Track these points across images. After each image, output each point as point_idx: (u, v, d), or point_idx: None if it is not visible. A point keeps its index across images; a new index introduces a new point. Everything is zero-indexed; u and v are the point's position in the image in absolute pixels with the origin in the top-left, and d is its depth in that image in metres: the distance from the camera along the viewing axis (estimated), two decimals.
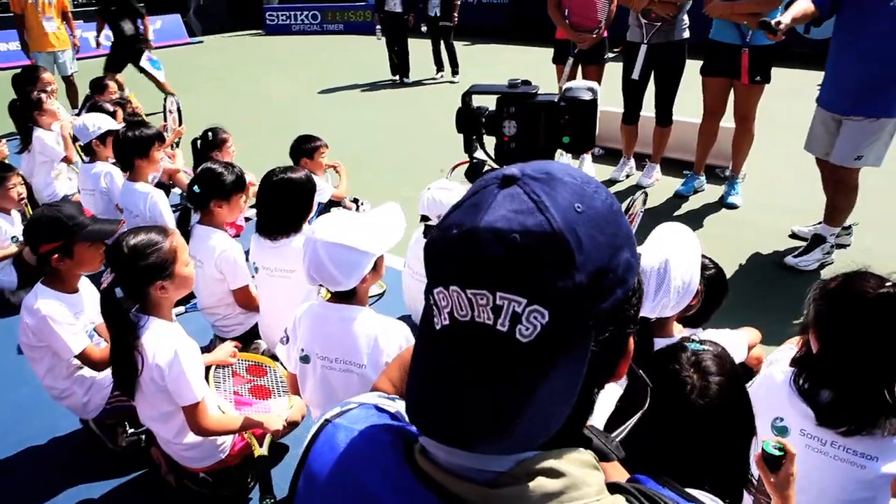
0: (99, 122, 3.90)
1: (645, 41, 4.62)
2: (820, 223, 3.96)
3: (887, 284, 1.50)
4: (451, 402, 0.59)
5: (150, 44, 8.11)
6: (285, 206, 2.68)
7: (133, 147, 3.56)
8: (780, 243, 4.18)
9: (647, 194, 2.94)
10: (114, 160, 3.99)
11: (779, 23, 3.42)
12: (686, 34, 4.73)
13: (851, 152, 3.59)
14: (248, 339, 3.05)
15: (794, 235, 4.25)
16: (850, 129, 3.58)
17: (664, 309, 1.74)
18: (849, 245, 4.08)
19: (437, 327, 0.61)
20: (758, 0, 4.11)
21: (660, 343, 1.75)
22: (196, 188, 2.86)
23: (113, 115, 4.57)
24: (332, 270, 1.79)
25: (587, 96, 1.10)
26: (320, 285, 1.88)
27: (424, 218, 2.86)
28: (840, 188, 3.77)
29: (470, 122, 1.18)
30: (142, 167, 3.63)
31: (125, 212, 3.62)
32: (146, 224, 3.48)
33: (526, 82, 1.15)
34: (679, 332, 1.98)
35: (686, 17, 4.69)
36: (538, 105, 1.11)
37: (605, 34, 4.93)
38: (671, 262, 1.69)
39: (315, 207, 3.89)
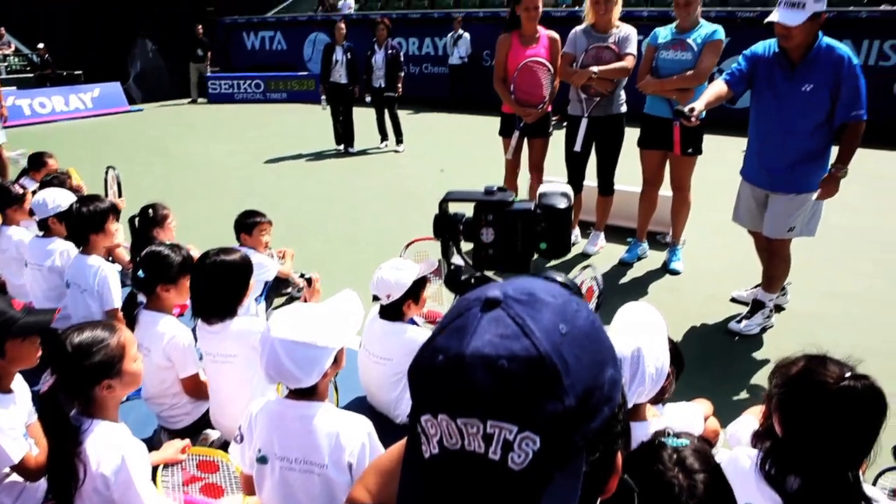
0: (59, 200, 3.76)
1: (585, 115, 4.83)
2: (758, 286, 4.11)
3: (847, 376, 1.54)
4: None
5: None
6: (219, 289, 2.56)
7: (88, 222, 3.47)
8: (722, 308, 4.33)
9: (594, 267, 3.00)
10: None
11: (692, 109, 3.60)
12: (623, 108, 4.98)
13: (783, 225, 3.73)
14: (196, 430, 2.89)
15: (734, 300, 4.41)
16: (777, 204, 3.74)
17: (639, 397, 1.75)
18: (786, 305, 4.25)
19: (427, 456, 0.60)
20: (684, 77, 4.39)
21: (634, 427, 1.76)
22: (141, 273, 2.76)
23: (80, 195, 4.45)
24: (292, 368, 1.74)
25: (563, 204, 1.13)
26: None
27: (376, 298, 2.84)
28: (772, 259, 3.92)
29: (447, 228, 1.20)
30: (96, 241, 3.53)
31: (71, 286, 3.47)
32: (92, 297, 3.39)
33: (502, 189, 1.17)
34: (652, 415, 1.98)
35: (623, 93, 4.95)
36: (515, 213, 1.14)
37: (550, 108, 5.13)
38: (643, 349, 1.70)
39: (263, 287, 3.84)
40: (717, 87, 3.76)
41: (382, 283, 2.76)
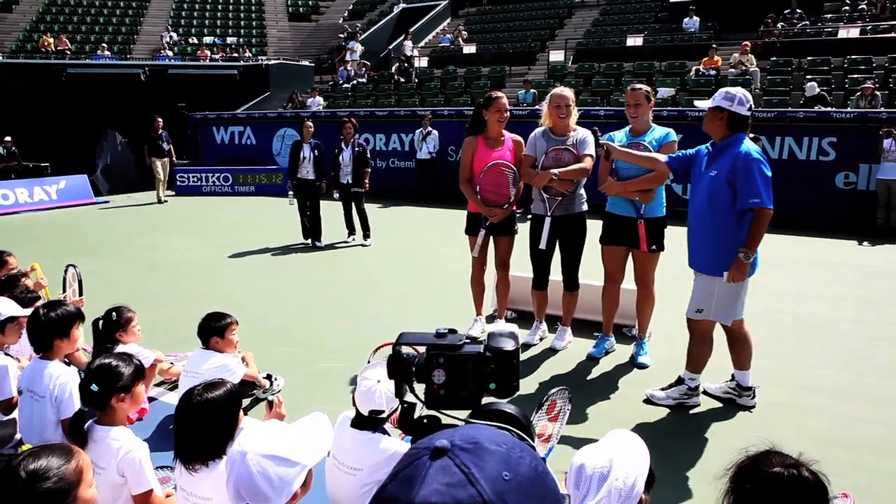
0: (1, 308, 3.62)
1: (549, 214, 4.97)
2: (732, 379, 4.26)
3: (786, 464, 1.63)
4: None
5: None
6: (206, 431, 2.38)
7: (54, 327, 3.32)
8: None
9: (568, 390, 3.03)
10: (10, 347, 3.70)
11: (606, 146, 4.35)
12: (584, 206, 5.15)
13: (692, 306, 4.07)
14: None
15: (705, 392, 4.43)
16: (696, 283, 4.09)
17: None
18: (753, 406, 4.26)
19: None
20: (646, 178, 4.60)
21: None
22: (94, 387, 2.65)
23: (34, 296, 4.32)
24: (263, 486, 1.67)
25: (510, 346, 1.20)
26: None
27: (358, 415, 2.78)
28: (692, 337, 4.21)
29: (401, 369, 1.25)
30: (60, 347, 3.37)
31: (25, 394, 3.27)
32: (51, 405, 3.19)
33: (452, 331, 1.23)
34: None
35: (583, 192, 5.13)
36: (465, 356, 1.19)
37: (515, 208, 5.27)
38: (615, 462, 1.73)
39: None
40: (656, 155, 4.31)
41: (379, 398, 2.63)
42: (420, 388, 1.23)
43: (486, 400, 1.26)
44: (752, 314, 5.95)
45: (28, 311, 3.83)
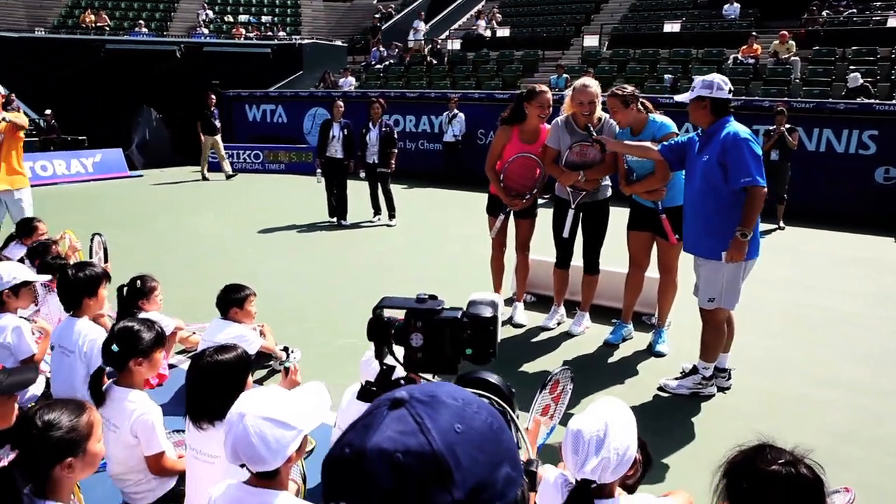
0: (14, 272, 3.72)
1: (572, 206, 4.91)
2: (693, 371, 4.25)
3: (781, 461, 1.60)
4: None
5: None
6: (215, 391, 2.41)
7: (83, 286, 3.52)
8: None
9: (570, 369, 3.03)
10: (34, 310, 3.82)
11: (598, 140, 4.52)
12: (609, 192, 5.08)
13: (704, 295, 4.03)
14: None
15: (663, 389, 4.36)
16: (701, 272, 4.05)
17: (604, 472, 1.81)
18: (728, 388, 4.29)
19: None
20: (648, 181, 4.57)
21: None
22: (114, 347, 2.74)
23: (64, 262, 4.45)
24: (260, 448, 1.71)
25: (488, 313, 1.21)
26: (241, 465, 1.78)
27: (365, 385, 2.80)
28: (705, 326, 4.15)
29: (380, 332, 1.27)
30: (89, 306, 3.57)
31: (56, 349, 3.45)
32: (80, 361, 3.35)
33: (433, 297, 1.25)
34: (619, 493, 2.00)
35: (608, 178, 5.06)
36: (443, 321, 1.21)
37: (537, 198, 5.22)
38: (610, 426, 1.82)
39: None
40: (650, 144, 4.39)
41: (376, 368, 2.70)
42: (400, 352, 1.25)
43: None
44: (779, 308, 5.88)
45: (42, 277, 3.97)
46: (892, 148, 10.64)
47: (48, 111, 17.17)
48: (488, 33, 21.33)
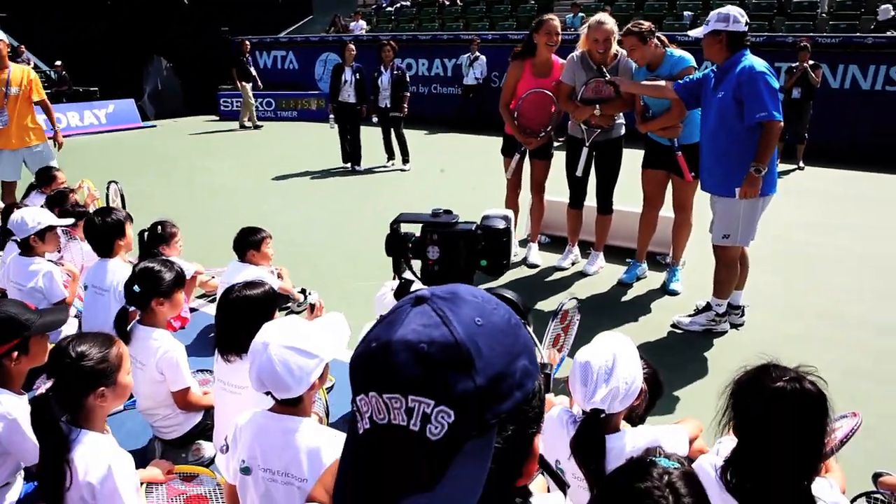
0: (39, 218, 3.81)
1: (586, 144, 4.86)
2: (707, 308, 4.27)
3: (785, 378, 1.62)
4: (372, 495, 0.66)
5: None
6: (242, 325, 2.42)
7: (113, 230, 3.65)
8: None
9: (577, 300, 3.07)
10: (57, 256, 3.92)
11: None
12: (623, 131, 5.02)
13: (718, 232, 4.02)
14: (189, 439, 2.95)
15: (676, 326, 4.40)
16: (717, 208, 4.02)
17: (613, 401, 1.84)
18: (741, 325, 4.33)
19: (360, 431, 0.68)
20: (663, 118, 4.50)
21: (609, 438, 1.85)
22: (136, 287, 2.81)
23: (83, 210, 4.55)
24: (284, 375, 1.77)
25: (501, 225, 1.24)
26: (266, 393, 1.85)
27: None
28: (717, 263, 4.15)
29: (398, 246, 1.31)
30: (120, 246, 3.70)
31: (90, 289, 3.59)
32: (114, 298, 3.44)
33: (448, 212, 1.27)
34: (625, 426, 2.04)
35: (622, 117, 4.99)
36: (458, 233, 1.23)
37: (552, 136, 5.16)
38: (618, 357, 1.85)
39: None
40: (664, 83, 4.31)
41: (389, 303, 2.77)
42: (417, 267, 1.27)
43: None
44: (795, 247, 5.85)
45: (65, 221, 4.06)
46: None
47: (58, 62, 17.04)
48: None
